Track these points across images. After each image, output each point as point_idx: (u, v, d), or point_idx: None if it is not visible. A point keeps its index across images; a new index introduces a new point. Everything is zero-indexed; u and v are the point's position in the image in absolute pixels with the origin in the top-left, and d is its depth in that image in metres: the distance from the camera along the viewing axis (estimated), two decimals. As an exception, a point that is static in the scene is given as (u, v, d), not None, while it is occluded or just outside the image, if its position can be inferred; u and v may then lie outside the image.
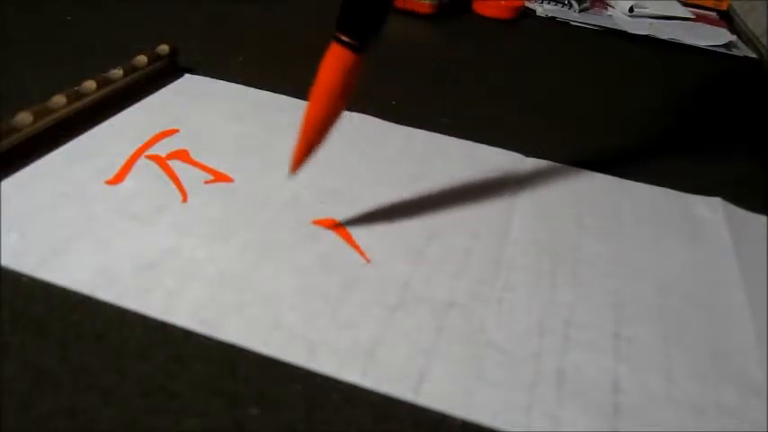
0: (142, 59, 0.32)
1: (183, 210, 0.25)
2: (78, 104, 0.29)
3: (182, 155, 0.28)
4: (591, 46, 0.53)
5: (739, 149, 0.37)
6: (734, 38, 0.57)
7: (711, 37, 0.56)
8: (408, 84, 0.39)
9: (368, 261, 0.23)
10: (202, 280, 0.21)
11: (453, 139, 0.32)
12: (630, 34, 0.55)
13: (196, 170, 0.27)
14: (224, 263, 0.22)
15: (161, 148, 0.28)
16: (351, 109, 0.34)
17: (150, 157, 0.27)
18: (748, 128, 0.41)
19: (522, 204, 0.28)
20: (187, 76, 0.35)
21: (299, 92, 0.35)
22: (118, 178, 0.26)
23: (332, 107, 0.22)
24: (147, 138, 0.29)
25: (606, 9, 0.61)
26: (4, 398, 0.17)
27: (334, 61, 0.22)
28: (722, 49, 0.55)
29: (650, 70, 0.49)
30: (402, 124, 0.33)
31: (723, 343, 0.22)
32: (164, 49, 0.34)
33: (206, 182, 0.27)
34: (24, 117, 0.26)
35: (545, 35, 0.54)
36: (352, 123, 0.33)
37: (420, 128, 0.33)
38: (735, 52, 0.55)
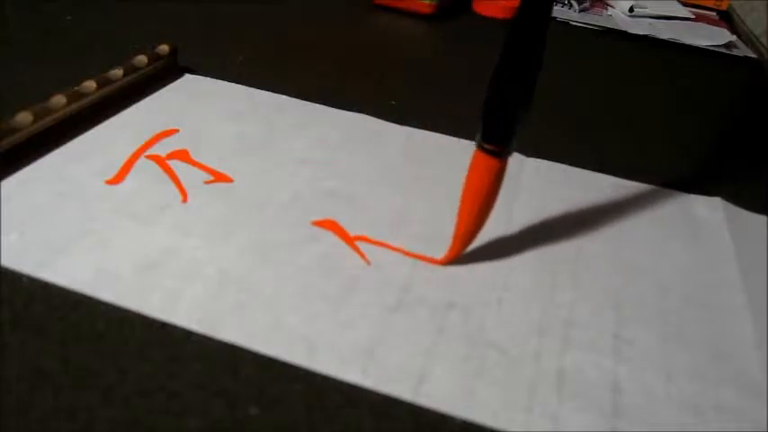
0: (142, 59, 0.32)
1: (183, 210, 0.25)
2: (78, 104, 0.29)
3: (182, 155, 0.28)
4: (591, 46, 0.53)
5: (739, 149, 0.37)
6: (734, 38, 0.57)
7: (711, 37, 0.56)
8: (408, 84, 0.39)
9: (368, 263, 0.23)
10: (202, 280, 0.21)
11: (453, 138, 0.32)
12: (630, 34, 0.55)
13: (196, 170, 0.27)
14: (224, 263, 0.22)
15: (161, 148, 0.28)
16: (351, 109, 0.34)
17: (150, 157, 0.27)
18: (748, 128, 0.41)
19: (522, 204, 0.28)
20: (187, 76, 0.35)
21: (299, 92, 0.35)
22: (118, 178, 0.26)
23: (485, 212, 0.23)
24: (147, 138, 0.29)
25: (606, 9, 0.61)
26: (3, 398, 0.17)
27: (484, 171, 0.22)
28: (722, 49, 0.54)
29: (650, 70, 0.49)
30: (402, 124, 0.33)
31: (723, 343, 0.22)
32: (164, 49, 0.34)
33: (206, 182, 0.27)
34: (24, 117, 0.26)
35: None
36: (353, 123, 0.33)
37: (420, 128, 0.33)
38: (735, 52, 0.55)
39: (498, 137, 0.22)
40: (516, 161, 0.31)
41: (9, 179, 0.25)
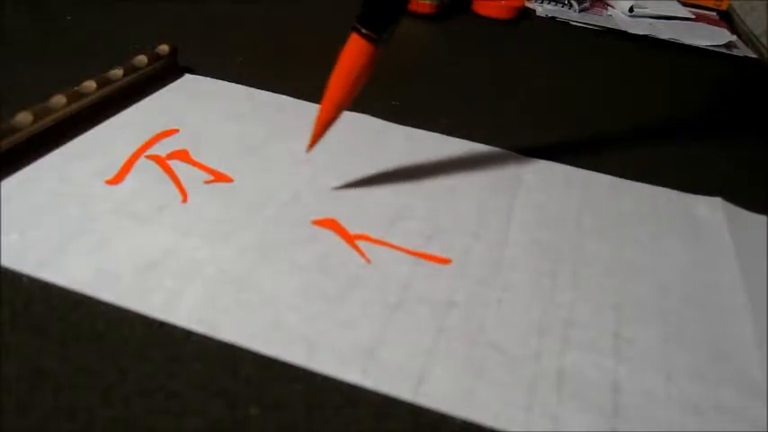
0: (142, 59, 0.32)
1: (183, 210, 0.25)
2: (78, 104, 0.29)
3: (182, 155, 0.28)
4: (591, 46, 0.53)
5: (739, 150, 0.37)
6: (734, 38, 0.57)
7: (711, 37, 0.56)
8: (408, 84, 0.39)
9: (368, 261, 0.23)
10: (202, 280, 0.21)
11: (453, 139, 0.32)
12: (630, 34, 0.55)
13: (196, 170, 0.27)
14: (224, 263, 0.22)
15: (161, 148, 0.28)
16: (351, 109, 0.34)
17: (150, 157, 0.27)
18: (748, 128, 0.41)
19: (522, 204, 0.28)
20: (187, 76, 0.35)
21: (299, 92, 0.35)
22: (118, 178, 0.26)
23: (350, 92, 0.25)
24: (147, 138, 0.29)
25: (606, 9, 0.61)
26: (3, 398, 0.17)
27: (355, 51, 0.24)
28: (722, 49, 0.55)
29: (650, 70, 0.49)
30: (402, 124, 0.33)
31: (723, 343, 0.22)
32: (164, 49, 0.34)
33: (206, 182, 0.27)
34: (24, 117, 0.26)
35: (545, 35, 0.54)
36: (353, 123, 0.33)
37: (420, 128, 0.33)
38: (735, 52, 0.55)
39: (373, 22, 0.24)
40: (516, 161, 0.31)
41: (9, 179, 0.25)
